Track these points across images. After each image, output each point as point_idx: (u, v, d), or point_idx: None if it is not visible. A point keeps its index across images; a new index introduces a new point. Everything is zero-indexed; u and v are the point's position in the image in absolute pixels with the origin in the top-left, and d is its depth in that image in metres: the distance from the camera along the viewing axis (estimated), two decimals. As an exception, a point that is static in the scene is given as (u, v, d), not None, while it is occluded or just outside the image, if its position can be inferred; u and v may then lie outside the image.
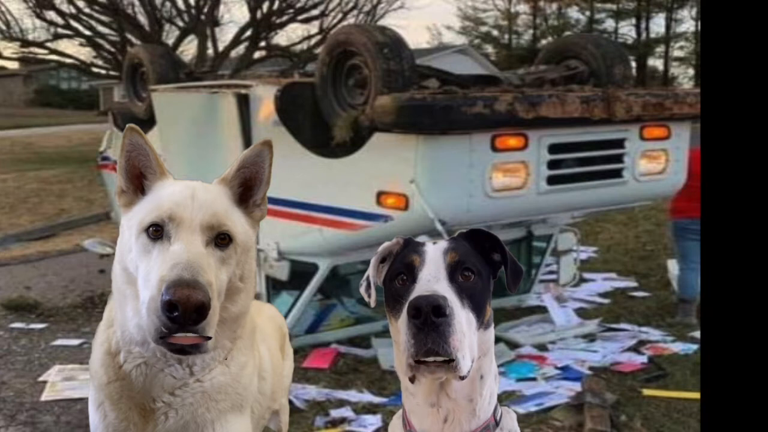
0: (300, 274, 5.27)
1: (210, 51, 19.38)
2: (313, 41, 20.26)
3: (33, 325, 6.13)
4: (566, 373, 4.85)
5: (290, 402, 3.45)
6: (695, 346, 5.23)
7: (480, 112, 4.31)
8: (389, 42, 4.61)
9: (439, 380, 1.55)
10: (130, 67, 7.25)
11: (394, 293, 1.57)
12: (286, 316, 4.51)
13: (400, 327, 1.49)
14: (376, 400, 4.46)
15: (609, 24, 39.82)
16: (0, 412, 4.42)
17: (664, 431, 4.03)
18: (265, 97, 5.16)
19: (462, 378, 1.48)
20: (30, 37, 19.87)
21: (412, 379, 1.52)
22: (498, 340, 2.76)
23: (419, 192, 4.38)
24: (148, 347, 1.84)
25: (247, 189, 1.95)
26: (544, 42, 36.28)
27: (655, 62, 40.48)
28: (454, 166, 4.44)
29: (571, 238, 6.25)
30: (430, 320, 1.42)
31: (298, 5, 20.02)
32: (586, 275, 7.27)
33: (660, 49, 39.78)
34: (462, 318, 1.47)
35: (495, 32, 42.25)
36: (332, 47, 4.91)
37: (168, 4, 19.59)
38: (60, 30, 19.49)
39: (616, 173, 5.09)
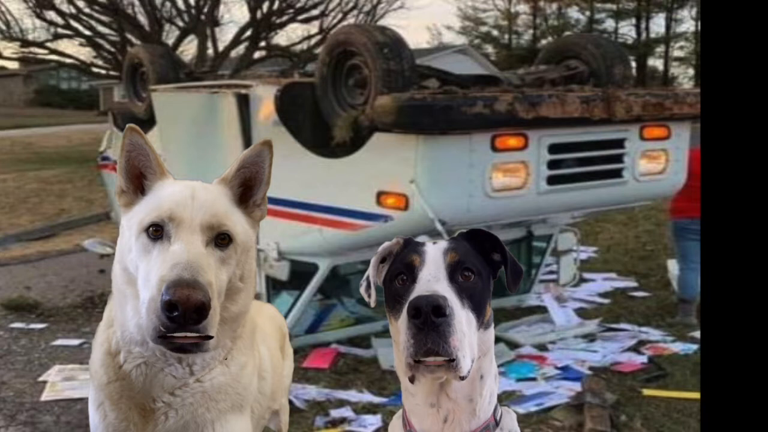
0: (300, 274, 5.26)
1: (210, 51, 19.37)
2: (313, 41, 20.25)
3: (33, 325, 6.13)
4: (566, 373, 4.85)
5: (290, 402, 3.45)
6: (695, 346, 5.23)
7: (480, 112, 4.31)
8: (389, 42, 4.61)
9: (439, 380, 1.55)
10: (130, 67, 7.25)
11: (394, 293, 1.57)
12: (286, 316, 4.51)
13: (400, 327, 1.49)
14: (376, 400, 4.46)
15: (609, 24, 39.84)
16: (0, 412, 4.42)
17: (664, 431, 4.03)
18: (265, 97, 5.16)
19: (462, 378, 1.48)
20: (30, 37, 19.88)
21: (411, 380, 1.52)
22: (498, 340, 2.76)
23: (419, 192, 4.37)
24: (147, 347, 1.84)
25: (247, 189, 1.95)
26: (544, 42, 36.29)
27: (655, 62, 40.55)
28: (454, 166, 4.44)
29: (571, 238, 6.25)
30: (430, 320, 1.42)
31: (298, 5, 20.01)
32: (586, 275, 7.27)
33: (660, 49, 39.78)
34: (462, 318, 1.47)
35: (495, 32, 42.27)
36: (332, 47, 4.91)
37: (168, 4, 19.59)
38: (60, 30, 19.48)
39: (616, 173, 5.08)
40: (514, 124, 4.48)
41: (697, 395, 4.25)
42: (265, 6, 19.54)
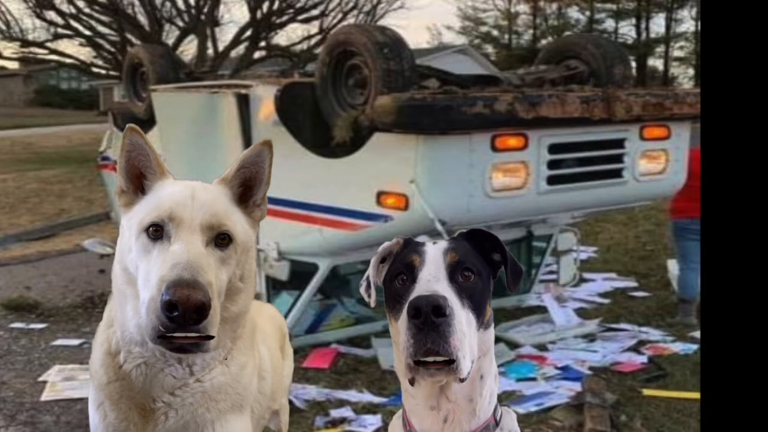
0: (300, 274, 5.26)
1: (210, 51, 19.37)
2: (313, 41, 20.26)
3: (33, 325, 6.13)
4: (566, 373, 4.85)
5: (290, 402, 3.45)
6: (695, 346, 5.23)
7: (480, 112, 4.31)
8: (389, 42, 4.61)
9: (439, 383, 1.55)
10: (130, 67, 7.25)
11: (394, 293, 1.57)
12: (286, 316, 4.51)
13: (400, 327, 1.49)
14: (376, 400, 4.46)
15: (609, 24, 39.84)
16: (0, 412, 4.42)
17: (664, 431, 4.03)
18: (265, 97, 5.16)
19: (462, 380, 1.48)
20: (30, 37, 19.88)
21: (411, 382, 1.52)
22: (498, 340, 2.76)
23: (419, 192, 4.37)
24: (147, 347, 1.84)
25: (247, 189, 1.95)
26: (544, 42, 36.28)
27: (655, 62, 40.55)
28: (454, 166, 4.44)
29: (571, 238, 6.25)
30: (430, 320, 1.41)
31: (298, 5, 20.01)
32: (586, 275, 7.27)
33: (660, 49, 39.78)
34: (462, 318, 1.47)
35: (495, 32, 42.27)
36: (332, 47, 4.91)
37: (168, 4, 19.60)
38: (60, 30, 19.48)
39: (616, 173, 5.08)
40: (514, 124, 4.48)
41: (697, 395, 4.24)
42: (265, 6, 19.54)
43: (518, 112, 4.40)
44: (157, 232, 1.76)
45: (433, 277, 1.52)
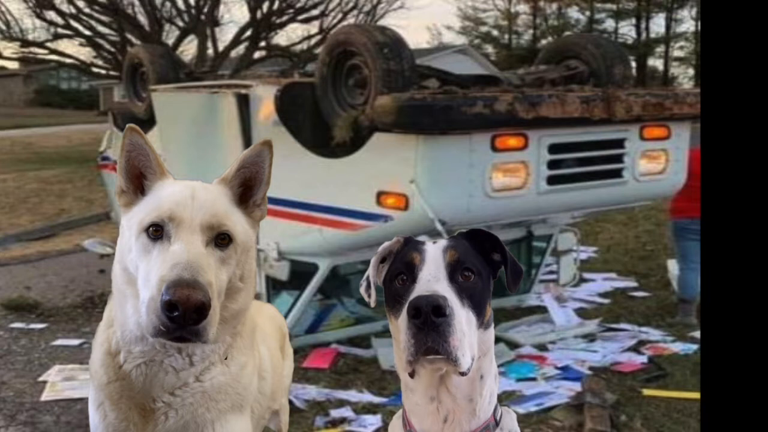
0: (300, 274, 5.26)
1: (210, 51, 19.38)
2: (313, 41, 20.27)
3: (33, 325, 6.13)
4: (566, 373, 4.85)
5: (290, 402, 3.46)
6: (695, 346, 5.23)
7: (480, 112, 4.31)
8: (389, 42, 4.61)
9: (439, 372, 1.55)
10: (130, 67, 7.25)
11: (394, 293, 1.57)
12: (286, 316, 4.51)
13: (400, 326, 1.49)
14: (376, 400, 4.46)
15: (609, 24, 39.86)
16: (0, 412, 4.42)
17: (664, 431, 4.03)
18: (265, 97, 5.16)
19: (462, 374, 1.48)
20: (30, 37, 19.89)
21: (411, 374, 1.52)
22: (498, 340, 2.76)
23: (419, 192, 4.38)
24: (147, 341, 1.84)
25: (247, 189, 1.95)
26: (544, 42, 36.29)
27: (655, 62, 40.56)
28: (454, 166, 4.44)
29: (571, 238, 6.25)
30: (430, 320, 1.42)
31: (298, 5, 20.02)
32: (586, 275, 7.27)
33: (660, 49, 39.79)
34: (462, 318, 1.47)
35: (495, 32, 42.29)
36: (332, 47, 4.91)
37: (168, 4, 19.60)
38: (60, 30, 19.50)
39: (616, 173, 5.09)
40: (514, 124, 4.48)
41: (697, 395, 4.25)
42: (265, 6, 19.55)
43: (518, 112, 4.40)
44: (157, 232, 1.76)
45: (433, 276, 1.52)
